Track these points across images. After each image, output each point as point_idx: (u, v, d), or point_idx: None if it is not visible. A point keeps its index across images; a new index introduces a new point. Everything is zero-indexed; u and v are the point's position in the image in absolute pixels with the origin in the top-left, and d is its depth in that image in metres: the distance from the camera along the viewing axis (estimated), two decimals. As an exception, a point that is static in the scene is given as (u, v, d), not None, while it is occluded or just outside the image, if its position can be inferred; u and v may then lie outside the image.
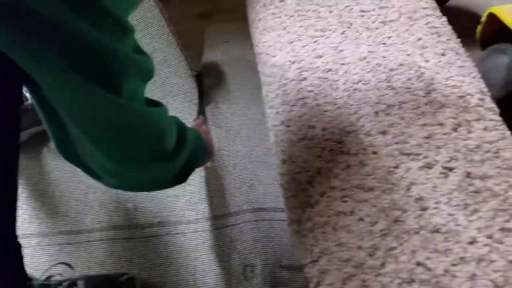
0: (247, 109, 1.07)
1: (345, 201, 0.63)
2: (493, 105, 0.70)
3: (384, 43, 0.82)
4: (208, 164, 0.98)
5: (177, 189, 0.92)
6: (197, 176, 0.95)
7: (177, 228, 0.87)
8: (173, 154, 0.55)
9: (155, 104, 0.54)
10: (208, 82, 1.13)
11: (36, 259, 0.81)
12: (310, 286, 0.60)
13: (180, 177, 0.62)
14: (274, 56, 0.87)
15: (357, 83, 0.77)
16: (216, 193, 0.93)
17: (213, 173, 0.96)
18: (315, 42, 0.86)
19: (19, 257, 0.61)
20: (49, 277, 0.76)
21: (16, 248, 0.59)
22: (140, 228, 0.86)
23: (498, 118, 0.68)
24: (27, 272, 0.68)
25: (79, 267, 0.81)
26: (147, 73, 0.49)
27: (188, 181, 0.64)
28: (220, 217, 0.90)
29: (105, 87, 0.42)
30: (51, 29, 0.37)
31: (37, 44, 0.38)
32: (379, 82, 0.76)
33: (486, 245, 0.54)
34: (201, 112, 1.04)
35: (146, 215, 0.88)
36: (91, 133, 0.46)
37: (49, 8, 0.36)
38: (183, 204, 0.91)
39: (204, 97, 1.09)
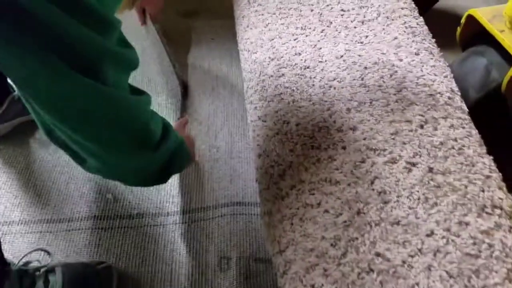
0: (230, 105, 1.08)
1: (313, 194, 0.65)
2: (462, 104, 0.72)
3: (361, 42, 0.84)
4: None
5: (157, 182, 0.94)
6: (178, 169, 0.96)
7: (156, 220, 0.88)
8: (158, 145, 0.57)
9: (139, 92, 0.56)
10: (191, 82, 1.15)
11: (15, 245, 0.83)
12: (277, 275, 0.61)
13: (162, 175, 0.63)
14: (255, 53, 0.88)
15: (333, 80, 0.78)
16: (195, 186, 0.94)
17: (193, 167, 0.98)
18: (295, 39, 0.88)
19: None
20: (27, 263, 0.78)
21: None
22: (119, 219, 0.87)
23: (466, 116, 0.70)
24: (6, 257, 0.70)
25: (57, 255, 0.82)
26: (132, 64, 0.52)
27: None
28: (198, 210, 0.91)
29: (89, 75, 0.44)
30: (35, 22, 0.38)
31: (21, 37, 0.39)
32: (353, 80, 0.77)
33: (443, 237, 0.56)
34: (184, 109, 1.06)
35: (126, 206, 0.89)
36: (75, 121, 0.47)
37: (35, 4, 0.38)
38: (163, 197, 0.92)
39: (187, 94, 1.11)
